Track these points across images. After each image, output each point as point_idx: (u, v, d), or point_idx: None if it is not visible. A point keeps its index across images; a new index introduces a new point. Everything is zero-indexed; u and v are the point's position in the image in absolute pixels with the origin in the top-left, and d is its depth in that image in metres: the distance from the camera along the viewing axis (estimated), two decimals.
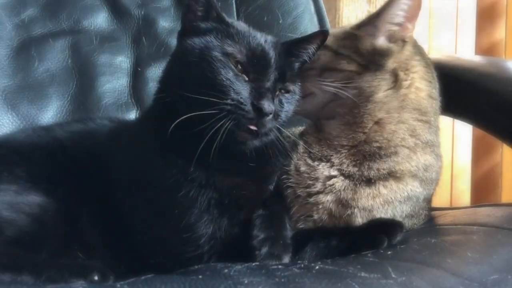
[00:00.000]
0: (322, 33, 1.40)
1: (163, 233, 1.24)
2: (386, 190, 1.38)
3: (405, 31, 1.49)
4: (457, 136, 2.96)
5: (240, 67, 1.26)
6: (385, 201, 1.38)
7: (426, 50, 2.83)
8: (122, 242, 1.26)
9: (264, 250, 1.18)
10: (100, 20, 1.99)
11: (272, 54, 1.30)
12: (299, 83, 1.38)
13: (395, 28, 1.48)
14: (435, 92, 1.51)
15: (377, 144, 1.40)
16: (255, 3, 2.04)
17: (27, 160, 1.33)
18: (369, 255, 1.18)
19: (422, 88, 1.48)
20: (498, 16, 3.00)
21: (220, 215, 1.23)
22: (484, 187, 3.00)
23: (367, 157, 1.39)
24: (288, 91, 1.33)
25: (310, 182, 1.39)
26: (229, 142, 1.21)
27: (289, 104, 1.33)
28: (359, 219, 1.36)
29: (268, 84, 1.27)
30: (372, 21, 1.49)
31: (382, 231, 1.27)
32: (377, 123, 1.41)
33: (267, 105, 1.22)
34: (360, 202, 1.36)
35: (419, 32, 2.83)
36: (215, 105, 1.19)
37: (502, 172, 2.96)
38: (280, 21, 1.88)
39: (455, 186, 2.97)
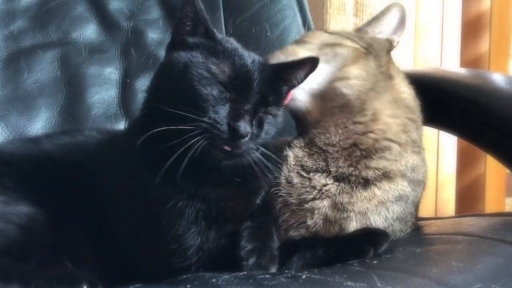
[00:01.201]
0: (312, 61, 1.36)
1: (151, 244, 1.24)
2: (380, 191, 1.39)
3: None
4: (442, 147, 2.98)
5: (221, 87, 1.24)
6: (379, 202, 1.39)
7: (412, 61, 2.88)
8: (110, 251, 1.26)
9: (252, 260, 1.19)
10: (89, 32, 1.99)
11: (256, 76, 1.28)
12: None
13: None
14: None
15: (373, 135, 1.41)
16: (243, 15, 2.05)
17: (16, 171, 1.33)
18: (355, 264, 1.19)
19: (407, 89, 1.53)
20: (483, 29, 3.02)
21: (208, 227, 1.23)
22: (468, 197, 3.01)
23: (364, 154, 1.40)
24: (270, 114, 1.31)
25: (305, 191, 1.40)
26: (204, 159, 1.21)
27: (270, 126, 1.31)
28: (354, 223, 1.36)
29: (248, 106, 1.25)
30: (369, 24, 1.60)
31: (367, 241, 1.27)
32: (374, 113, 1.43)
33: (243, 127, 1.20)
34: (356, 206, 1.37)
35: (405, 44, 2.86)
36: (192, 122, 1.18)
37: (486, 182, 2.97)
38: (268, 33, 1.89)
39: (440, 196, 2.98)
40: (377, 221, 1.39)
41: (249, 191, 1.33)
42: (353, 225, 1.36)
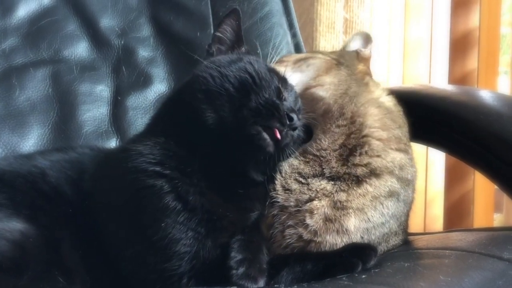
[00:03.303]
0: None
1: (145, 249, 1.25)
2: (371, 188, 1.43)
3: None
4: (431, 164, 2.99)
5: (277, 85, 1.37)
6: (373, 197, 1.42)
7: (401, 78, 2.89)
8: (102, 266, 1.27)
9: (241, 270, 1.20)
10: (80, 49, 2.00)
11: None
12: None
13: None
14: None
15: (353, 136, 1.47)
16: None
17: (9, 187, 1.34)
18: (343, 278, 1.20)
19: (386, 96, 1.60)
20: (471, 46, 3.03)
21: (206, 234, 1.25)
22: (456, 213, 3.01)
23: (350, 151, 1.45)
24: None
25: (303, 194, 1.43)
26: (250, 142, 1.28)
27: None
28: (353, 219, 1.39)
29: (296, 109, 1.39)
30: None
31: (356, 255, 1.29)
32: (351, 116, 1.49)
33: (296, 118, 1.32)
34: (354, 203, 1.41)
35: (394, 61, 2.88)
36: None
37: (474, 198, 2.98)
38: (258, 51, 1.90)
39: (428, 212, 2.99)
40: (374, 216, 1.42)
41: (247, 207, 1.36)
42: (352, 221, 1.39)
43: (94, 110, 1.93)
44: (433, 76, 3.03)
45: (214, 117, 1.29)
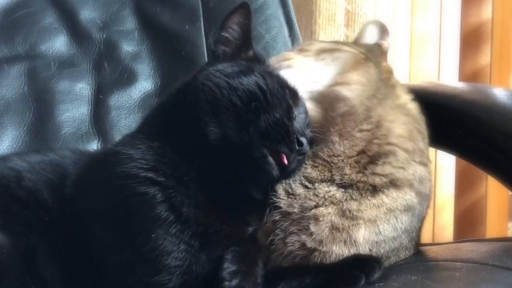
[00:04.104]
0: None
1: (133, 261, 1.24)
2: (388, 199, 1.42)
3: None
4: (440, 168, 2.98)
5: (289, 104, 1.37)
6: (388, 209, 1.41)
7: (407, 76, 2.89)
8: (81, 279, 1.27)
9: (235, 282, 1.20)
10: (59, 44, 1.99)
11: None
12: None
13: None
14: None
15: (377, 141, 1.45)
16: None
17: None
18: None
19: (411, 102, 1.59)
20: (483, 40, 3.04)
21: (201, 248, 1.25)
22: (468, 221, 3.01)
23: (370, 160, 1.44)
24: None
25: (308, 199, 1.42)
26: (255, 168, 1.29)
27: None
28: (363, 231, 1.39)
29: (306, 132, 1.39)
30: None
31: (359, 268, 1.29)
32: (378, 120, 1.48)
33: (306, 143, 1.33)
34: (365, 213, 1.40)
35: (400, 56, 2.88)
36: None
37: (487, 205, 2.98)
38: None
39: (437, 221, 2.99)
40: (386, 229, 1.41)
41: (245, 222, 1.36)
42: (362, 233, 1.39)
43: (73, 110, 1.92)
44: (442, 73, 3.04)
45: (217, 133, 1.29)
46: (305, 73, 1.54)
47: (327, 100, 1.49)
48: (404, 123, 1.50)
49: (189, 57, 2.05)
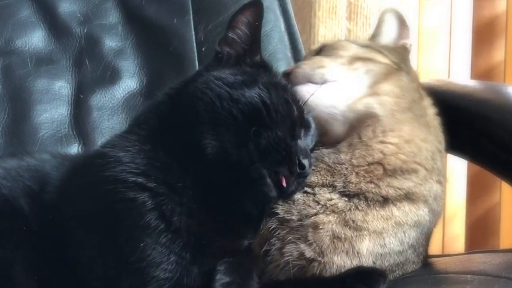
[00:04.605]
0: None
1: (119, 269, 1.25)
2: (399, 212, 1.43)
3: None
4: (450, 173, 2.95)
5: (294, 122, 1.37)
6: (396, 223, 1.42)
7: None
8: None
9: None
10: (36, 39, 2.00)
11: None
12: None
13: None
14: None
15: (403, 157, 1.46)
16: (216, 20, 2.06)
17: None
18: None
19: (433, 113, 1.60)
20: (497, 35, 3.04)
21: (192, 260, 1.25)
22: (480, 231, 3.01)
23: (389, 173, 1.44)
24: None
25: (307, 206, 1.43)
26: (252, 191, 1.30)
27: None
28: (367, 242, 1.39)
29: (309, 148, 1.40)
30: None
31: (362, 281, 1.30)
32: (409, 135, 1.48)
33: (308, 166, 1.33)
34: (371, 224, 1.40)
35: None
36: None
37: (501, 214, 2.99)
38: None
39: (447, 230, 2.98)
40: (392, 243, 1.42)
41: (240, 234, 1.37)
42: (366, 244, 1.39)
43: (52, 111, 1.93)
44: (453, 70, 3.03)
45: (215, 146, 1.29)
46: (340, 88, 1.52)
47: (355, 114, 1.49)
48: (431, 143, 1.52)
49: (177, 53, 2.05)
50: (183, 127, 1.33)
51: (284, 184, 1.29)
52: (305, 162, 1.32)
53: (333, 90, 1.51)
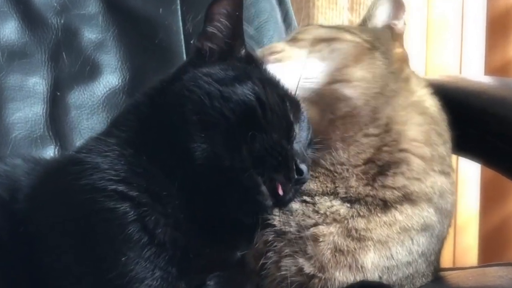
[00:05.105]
0: None
1: (99, 286, 1.23)
2: (402, 216, 1.41)
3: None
4: (462, 179, 2.98)
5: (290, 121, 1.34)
6: (401, 228, 1.41)
7: (423, 68, 2.89)
8: None
9: None
10: (8, 30, 1.98)
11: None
12: None
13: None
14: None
15: (387, 148, 1.45)
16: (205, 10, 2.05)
17: None
18: None
19: (430, 98, 1.58)
20: None
21: (179, 276, 1.24)
22: (495, 242, 3.02)
23: (379, 170, 1.44)
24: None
25: (307, 217, 1.42)
26: (245, 200, 1.26)
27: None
28: (372, 254, 1.38)
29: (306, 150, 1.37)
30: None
31: None
32: (387, 123, 1.47)
33: (307, 171, 1.30)
34: (375, 233, 1.39)
35: (414, 47, 2.88)
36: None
37: None
38: None
39: (459, 241, 2.99)
40: (400, 253, 1.41)
41: (232, 246, 1.36)
42: (370, 257, 1.38)
43: (26, 109, 1.92)
44: (465, 65, 3.04)
45: (204, 150, 1.26)
46: (297, 69, 1.49)
47: (325, 100, 1.48)
48: (419, 124, 1.50)
49: (163, 46, 2.05)
50: (168, 129, 1.31)
51: (281, 192, 1.27)
52: (303, 167, 1.29)
53: (286, 70, 1.48)
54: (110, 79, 2.02)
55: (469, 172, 2.98)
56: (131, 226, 1.21)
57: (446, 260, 2.86)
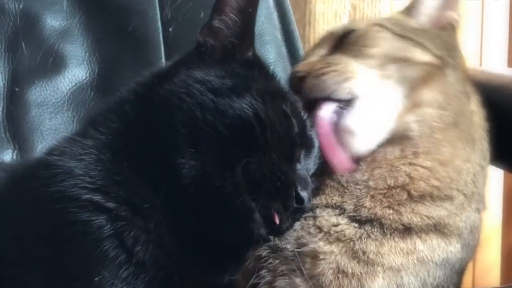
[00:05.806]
0: None
1: None
2: (424, 246, 1.39)
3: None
4: None
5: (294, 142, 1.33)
6: (419, 259, 1.39)
7: None
8: None
9: None
10: None
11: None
12: None
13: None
14: None
15: (437, 183, 1.42)
16: None
17: None
18: None
19: (480, 115, 1.57)
20: None
21: None
22: None
23: (415, 198, 1.41)
24: None
25: (306, 233, 1.40)
26: (233, 218, 1.25)
27: None
28: (381, 280, 1.36)
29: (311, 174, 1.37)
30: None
31: None
32: (449, 157, 1.45)
33: (308, 199, 1.29)
34: (386, 259, 1.37)
35: None
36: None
37: None
38: None
39: (480, 258, 2.99)
40: (412, 283, 1.38)
41: (220, 269, 1.35)
42: (379, 283, 1.36)
43: None
44: (486, 56, 3.04)
45: (192, 167, 1.25)
46: (374, 108, 1.45)
47: (394, 137, 1.45)
48: (474, 163, 1.48)
49: (138, 35, 2.05)
50: (154, 136, 1.29)
51: (277, 221, 1.26)
52: (304, 195, 1.28)
53: (366, 116, 1.43)
54: (76, 72, 2.02)
55: (491, 181, 2.97)
56: (107, 242, 1.20)
57: (465, 280, 2.87)
